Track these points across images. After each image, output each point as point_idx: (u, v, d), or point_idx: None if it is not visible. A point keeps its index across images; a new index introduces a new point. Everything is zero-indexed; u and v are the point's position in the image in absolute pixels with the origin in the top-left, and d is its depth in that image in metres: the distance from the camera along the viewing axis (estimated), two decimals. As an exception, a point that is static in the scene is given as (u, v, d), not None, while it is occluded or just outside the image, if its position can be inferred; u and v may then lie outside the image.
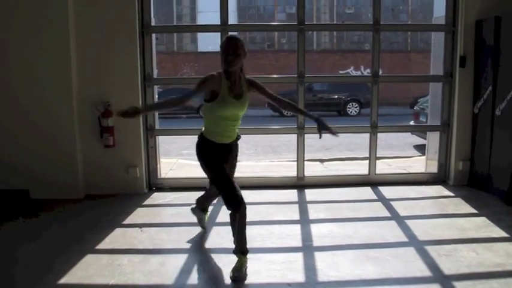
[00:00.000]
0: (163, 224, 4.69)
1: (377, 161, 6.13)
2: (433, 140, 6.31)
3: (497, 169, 5.29)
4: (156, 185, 5.88)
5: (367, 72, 22.47)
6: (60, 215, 4.89)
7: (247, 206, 4.07)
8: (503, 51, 5.21)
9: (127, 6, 5.40)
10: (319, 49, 29.97)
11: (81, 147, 5.48)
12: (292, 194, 5.60)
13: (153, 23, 5.76)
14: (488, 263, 3.61)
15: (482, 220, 4.60)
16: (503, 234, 4.23)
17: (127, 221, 4.70)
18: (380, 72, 6.00)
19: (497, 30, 5.25)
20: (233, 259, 3.51)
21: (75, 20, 5.29)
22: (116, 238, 4.23)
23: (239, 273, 3.41)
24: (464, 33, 5.62)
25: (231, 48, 3.44)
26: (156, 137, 5.90)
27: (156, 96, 6.16)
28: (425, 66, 6.55)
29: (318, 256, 3.80)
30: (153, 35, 5.81)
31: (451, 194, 5.55)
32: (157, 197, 5.54)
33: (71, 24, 5.27)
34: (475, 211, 4.91)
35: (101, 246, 4.05)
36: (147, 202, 5.38)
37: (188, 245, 4.08)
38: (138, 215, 4.90)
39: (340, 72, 24.68)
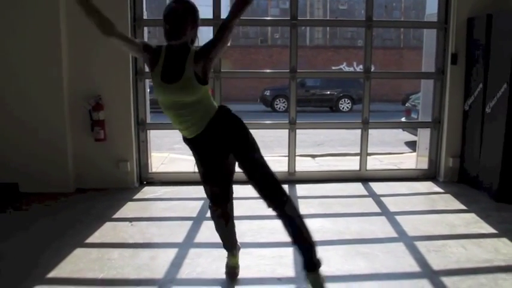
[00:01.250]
0: (154, 218, 4.68)
1: (368, 157, 6.15)
2: (424, 136, 6.34)
3: (487, 166, 5.33)
4: (147, 179, 5.87)
5: (359, 68, 22.52)
6: (50, 209, 4.86)
7: (239, 201, 4.04)
8: (494, 49, 5.23)
9: (119, 0, 5.36)
10: (312, 45, 29.97)
11: (72, 140, 5.44)
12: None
13: (145, 17, 5.73)
14: (476, 259, 3.64)
15: (472, 216, 4.64)
16: (491, 230, 4.26)
17: (117, 215, 4.69)
18: (372, 69, 6.01)
19: (489, 28, 5.27)
20: (223, 253, 3.51)
21: (65, 13, 5.24)
22: (106, 232, 4.22)
23: None
24: (456, 31, 5.65)
25: (172, 14, 2.65)
26: (148, 131, 5.88)
27: (148, 90, 6.13)
28: (417, 63, 6.57)
29: (308, 251, 3.80)
30: (145, 29, 5.78)
31: (441, 190, 5.59)
32: (148, 191, 5.53)
33: (62, 16, 5.22)
34: (464, 207, 4.95)
35: (91, 240, 4.03)
36: (137, 196, 5.36)
37: (179, 239, 4.07)
38: (129, 209, 4.88)
39: (333, 68, 24.71)
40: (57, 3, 5.17)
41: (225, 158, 2.96)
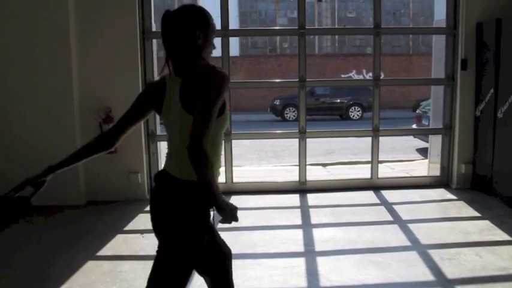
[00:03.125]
0: (165, 230, 4.67)
1: (380, 164, 6.12)
2: (436, 143, 6.28)
3: (500, 172, 5.26)
4: (158, 190, 5.86)
5: (369, 75, 22.46)
6: (61, 221, 4.88)
7: (250, 211, 4.02)
8: (504, 54, 5.19)
9: (128, 12, 5.41)
10: (321, 53, 30.01)
11: (83, 153, 5.47)
12: (294, 199, 5.58)
13: (154, 29, 5.77)
14: (491, 267, 3.58)
15: (486, 223, 4.57)
16: (506, 237, 4.20)
17: (128, 227, 4.70)
18: (382, 76, 5.99)
19: (498, 33, 5.24)
20: (234, 264, 3.49)
21: (76, 25, 5.31)
22: (117, 244, 4.23)
23: None
24: (466, 36, 5.61)
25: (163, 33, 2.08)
26: (158, 142, 5.89)
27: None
28: (427, 69, 6.53)
29: (321, 261, 3.78)
30: (154, 41, 5.82)
31: (454, 197, 5.53)
32: (159, 203, 5.52)
33: (72, 28, 5.29)
34: (478, 214, 4.88)
35: (102, 252, 4.04)
36: (148, 208, 5.35)
37: (190, 251, 4.05)
38: (140, 221, 4.89)
39: (342, 76, 24.68)
40: (67, 15, 5.24)
41: None
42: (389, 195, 5.59)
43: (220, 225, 2.27)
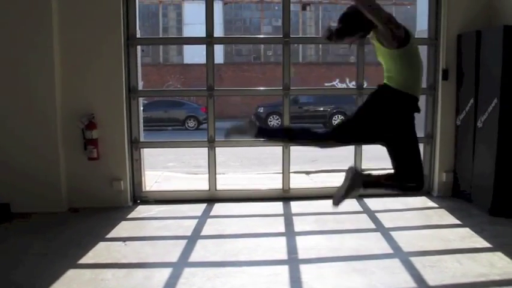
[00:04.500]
0: (148, 238, 4.64)
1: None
2: (418, 151, 6.33)
3: (480, 180, 5.34)
4: (141, 198, 5.84)
5: (352, 84, 22.63)
6: (42, 229, 4.81)
7: (234, 219, 4.00)
8: (483, 65, 5.29)
9: (112, 18, 5.39)
10: (305, 61, 30.12)
11: (65, 159, 5.42)
12: (278, 207, 5.59)
13: (138, 35, 5.76)
14: (472, 274, 3.63)
15: (466, 231, 4.64)
16: (486, 244, 4.26)
17: (111, 235, 4.64)
18: (365, 85, 6.05)
19: (478, 45, 5.34)
20: (218, 272, 3.49)
21: (59, 31, 5.27)
22: (99, 252, 4.17)
23: None
24: (447, 47, 5.71)
25: None
26: (141, 149, 5.86)
27: (141, 108, 6.14)
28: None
29: (304, 269, 3.79)
30: (139, 47, 5.81)
31: (435, 205, 5.59)
32: (142, 210, 5.50)
33: (55, 34, 5.25)
34: (458, 222, 4.95)
35: (84, 260, 3.98)
36: (131, 215, 5.32)
37: (173, 259, 4.03)
38: (122, 229, 4.84)
39: (326, 84, 24.82)
40: (50, 20, 5.19)
41: None
42: (372, 203, 5.63)
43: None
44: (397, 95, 3.31)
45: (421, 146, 6.02)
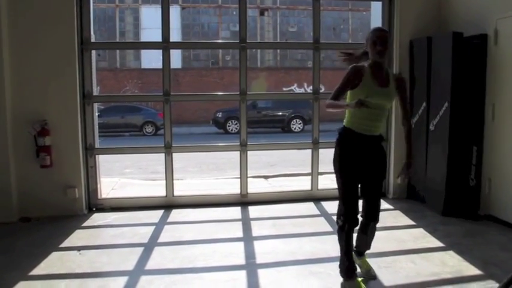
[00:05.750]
0: (103, 246, 4.53)
1: (320, 176, 6.23)
2: (373, 154, 6.47)
3: (433, 181, 5.51)
4: (97, 205, 5.71)
5: (310, 89, 22.88)
6: (-8, 240, 4.63)
7: (191, 225, 3.93)
8: (434, 70, 5.47)
9: (65, 22, 5.27)
10: (264, 66, 30.29)
11: (15, 167, 5.24)
12: (236, 212, 5.58)
13: (93, 39, 5.65)
14: (425, 273, 3.73)
15: (420, 231, 4.77)
16: (438, 244, 4.40)
17: (64, 244, 4.52)
18: (322, 89, 6.13)
19: (429, 50, 5.52)
20: (175, 279, 3.44)
21: (8, 34, 5.10)
22: (52, 262, 4.04)
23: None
24: (400, 52, 5.88)
25: (384, 39, 3.31)
26: (96, 156, 5.74)
27: (97, 113, 6.01)
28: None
29: (262, 273, 3.79)
30: (93, 52, 5.69)
31: (391, 207, 5.72)
32: (97, 218, 5.37)
33: (4, 37, 5.08)
34: (413, 223, 5.08)
35: (36, 271, 3.85)
36: (86, 224, 5.19)
37: (129, 267, 3.95)
38: (77, 237, 4.72)
39: (284, 89, 25.04)
40: (-1, 25, 5.03)
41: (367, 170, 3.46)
42: (329, 206, 5.70)
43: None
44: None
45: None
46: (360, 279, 3.52)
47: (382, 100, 3.35)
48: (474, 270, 3.77)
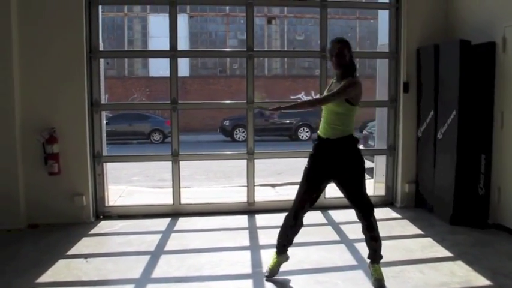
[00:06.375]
0: (110, 254, 4.53)
1: (328, 184, 6.18)
2: (381, 163, 6.45)
3: (441, 190, 5.46)
4: (104, 213, 5.71)
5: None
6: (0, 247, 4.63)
7: (198, 233, 3.91)
8: (442, 78, 5.45)
9: (74, 31, 5.31)
10: (271, 74, 30.36)
11: (24, 174, 5.26)
12: (243, 220, 5.57)
13: (101, 48, 5.69)
14: (433, 283, 3.70)
15: (428, 240, 4.73)
16: (447, 253, 4.35)
17: (71, 252, 4.52)
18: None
19: (437, 58, 5.50)
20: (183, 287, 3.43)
21: (19, 43, 5.15)
22: (58, 270, 4.04)
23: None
24: (407, 60, 5.86)
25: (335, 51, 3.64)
26: (104, 163, 5.75)
27: (104, 121, 6.04)
28: (372, 91, 6.75)
29: (268, 282, 3.77)
30: (102, 60, 5.73)
31: (398, 215, 5.68)
32: (104, 226, 5.38)
33: (15, 46, 5.12)
34: (420, 232, 5.04)
35: (42, 279, 3.85)
36: (93, 231, 5.20)
37: (136, 275, 3.95)
38: (84, 245, 4.72)
39: (291, 97, 25.01)
40: (10, 31, 5.08)
41: (330, 176, 3.71)
42: (336, 215, 5.67)
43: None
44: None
45: (384, 158, 6.20)
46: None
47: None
48: (483, 281, 3.73)
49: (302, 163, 3.83)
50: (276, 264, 3.84)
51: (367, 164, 9.95)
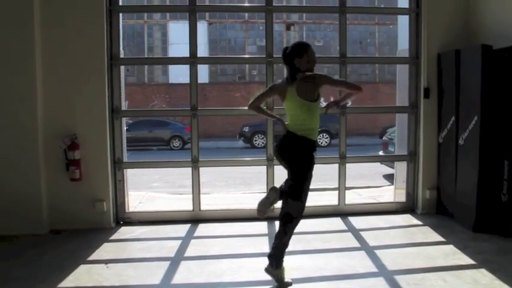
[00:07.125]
0: (131, 260, 4.57)
1: (347, 191, 6.16)
2: (401, 169, 6.39)
3: (463, 196, 5.38)
4: (124, 219, 5.76)
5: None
6: (20, 251, 4.70)
7: (218, 239, 3.91)
8: (463, 83, 5.38)
9: (95, 38, 5.39)
10: (290, 81, 30.40)
11: (46, 180, 5.34)
12: (262, 226, 5.55)
13: (122, 55, 5.76)
14: (456, 291, 3.63)
15: (450, 248, 4.65)
16: (470, 261, 4.27)
17: (92, 257, 4.56)
18: (349, 104, 6.10)
19: (458, 63, 5.44)
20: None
21: (42, 51, 5.26)
22: (80, 275, 4.09)
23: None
24: (427, 66, 5.80)
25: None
26: (124, 169, 5.81)
27: (125, 128, 6.10)
28: (393, 96, 6.72)
29: (289, 289, 3.75)
30: (122, 67, 5.80)
31: (419, 222, 5.61)
32: (125, 232, 5.42)
33: (38, 54, 5.22)
34: (442, 239, 4.96)
35: (64, 284, 3.89)
36: (114, 237, 5.24)
37: (156, 281, 3.97)
38: (104, 251, 4.77)
39: (311, 103, 24.93)
40: (33, 39, 5.18)
41: None
42: (356, 221, 5.63)
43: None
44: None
45: (404, 164, 6.13)
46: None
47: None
48: (508, 289, 3.65)
49: (321, 169, 3.83)
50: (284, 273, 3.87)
51: (388, 170, 9.86)
